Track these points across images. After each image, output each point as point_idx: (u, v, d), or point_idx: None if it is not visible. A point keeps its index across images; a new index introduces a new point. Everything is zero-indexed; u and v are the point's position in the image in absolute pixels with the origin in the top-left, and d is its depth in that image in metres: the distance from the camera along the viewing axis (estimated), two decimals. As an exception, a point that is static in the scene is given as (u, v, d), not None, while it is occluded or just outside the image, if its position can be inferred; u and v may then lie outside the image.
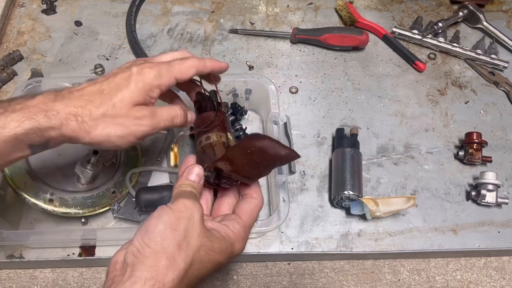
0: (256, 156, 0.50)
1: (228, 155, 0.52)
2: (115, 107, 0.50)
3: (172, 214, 0.45)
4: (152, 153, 0.78)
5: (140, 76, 0.52)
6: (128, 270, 0.42)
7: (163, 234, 0.43)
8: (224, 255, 0.48)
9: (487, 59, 0.95)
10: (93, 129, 0.50)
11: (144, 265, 0.42)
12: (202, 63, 0.57)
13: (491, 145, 0.84)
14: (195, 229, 0.45)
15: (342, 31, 0.93)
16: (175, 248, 0.43)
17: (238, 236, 0.49)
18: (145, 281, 0.41)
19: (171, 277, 0.42)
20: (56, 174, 0.68)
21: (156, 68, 0.53)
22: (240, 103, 0.81)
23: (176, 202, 0.46)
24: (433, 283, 0.73)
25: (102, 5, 1.00)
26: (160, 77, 0.53)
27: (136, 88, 0.51)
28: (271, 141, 0.50)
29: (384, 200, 0.71)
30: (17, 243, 0.68)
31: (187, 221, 0.45)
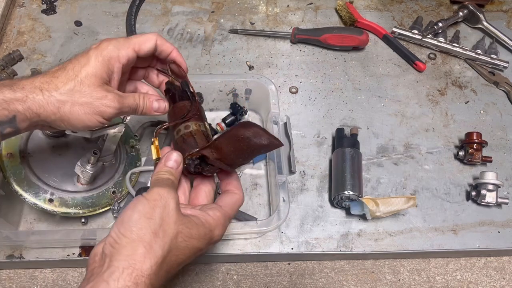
0: (244, 144, 0.51)
1: (216, 143, 0.53)
2: (82, 83, 0.50)
3: (147, 204, 0.45)
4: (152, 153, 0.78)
5: (98, 50, 0.52)
6: (106, 260, 0.43)
7: (139, 223, 0.44)
8: (203, 241, 0.48)
9: (487, 59, 0.94)
10: (61, 106, 0.50)
11: (121, 254, 0.42)
12: (162, 40, 0.58)
13: (491, 145, 0.84)
14: (171, 217, 0.45)
15: (342, 31, 0.93)
16: (151, 236, 0.43)
17: (218, 222, 0.50)
18: (123, 269, 0.41)
19: (149, 264, 0.42)
20: (56, 174, 0.68)
21: (114, 41, 0.54)
22: (240, 103, 0.80)
23: (151, 191, 0.46)
24: (433, 283, 0.73)
25: (102, 5, 1.00)
26: (118, 49, 0.53)
27: (96, 62, 0.52)
28: (260, 129, 0.51)
29: (384, 200, 0.71)
30: (17, 243, 0.68)
31: (162, 209, 0.45)
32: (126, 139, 0.76)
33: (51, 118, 0.50)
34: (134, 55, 0.55)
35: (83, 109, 0.50)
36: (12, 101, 0.48)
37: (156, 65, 0.63)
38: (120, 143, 0.75)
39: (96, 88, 0.51)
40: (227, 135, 0.52)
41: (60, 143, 0.70)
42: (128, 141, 0.76)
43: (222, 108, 0.82)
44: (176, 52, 0.60)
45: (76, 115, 0.50)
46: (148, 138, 0.80)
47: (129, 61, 0.55)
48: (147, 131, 0.81)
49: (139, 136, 0.78)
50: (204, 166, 0.55)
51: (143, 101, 0.57)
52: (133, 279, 0.41)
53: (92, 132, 0.66)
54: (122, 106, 0.53)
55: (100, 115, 0.52)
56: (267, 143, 0.51)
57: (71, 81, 0.50)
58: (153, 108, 0.58)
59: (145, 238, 0.43)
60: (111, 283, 0.40)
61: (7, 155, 0.66)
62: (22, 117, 0.49)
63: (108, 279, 0.41)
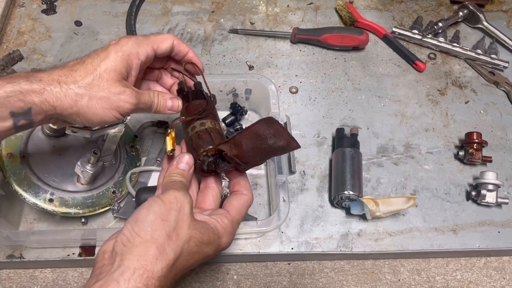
0: (263, 142, 0.51)
1: (236, 138, 0.52)
2: (101, 78, 0.50)
3: (163, 205, 0.45)
4: (152, 153, 0.78)
5: (118, 46, 0.53)
6: (117, 259, 0.42)
7: (154, 224, 0.43)
8: (211, 248, 0.48)
9: (487, 59, 0.94)
10: (79, 100, 0.49)
11: (133, 254, 0.42)
12: (179, 41, 0.58)
13: (491, 145, 0.84)
14: (185, 221, 0.45)
15: (342, 31, 0.93)
16: (165, 238, 0.43)
17: (226, 230, 0.50)
18: (134, 270, 0.41)
19: (160, 266, 0.42)
20: (56, 174, 0.68)
21: (133, 38, 0.54)
22: (240, 103, 0.81)
23: (167, 194, 0.46)
24: (433, 283, 0.73)
25: (102, 5, 1.00)
26: (137, 45, 0.54)
27: (116, 57, 0.52)
28: (281, 128, 0.51)
29: (384, 200, 0.71)
30: (17, 243, 0.68)
31: (178, 212, 0.45)
32: (126, 139, 0.76)
33: (67, 112, 0.49)
34: (152, 53, 0.55)
35: (101, 104, 0.50)
36: (28, 92, 0.47)
37: (169, 67, 0.63)
38: (120, 143, 0.75)
39: (114, 83, 0.51)
40: (248, 131, 0.52)
41: (60, 143, 0.70)
42: (128, 141, 0.76)
43: (222, 108, 0.82)
44: (193, 53, 0.60)
45: (93, 109, 0.50)
46: (149, 138, 0.80)
47: (148, 58, 0.55)
48: (147, 131, 0.81)
49: (139, 136, 0.78)
50: (219, 163, 0.54)
51: (158, 99, 0.57)
52: (143, 280, 0.41)
53: (92, 132, 0.66)
54: (139, 102, 0.53)
55: (117, 110, 0.51)
56: (286, 144, 0.51)
57: (90, 75, 0.50)
58: (167, 106, 0.58)
59: (159, 240, 0.43)
60: (121, 283, 0.40)
61: (7, 155, 0.66)
62: (37, 109, 0.48)
63: (119, 279, 0.40)
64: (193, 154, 0.54)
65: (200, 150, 0.53)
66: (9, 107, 0.46)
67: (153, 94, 0.57)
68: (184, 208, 0.46)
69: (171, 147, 0.56)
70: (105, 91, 0.50)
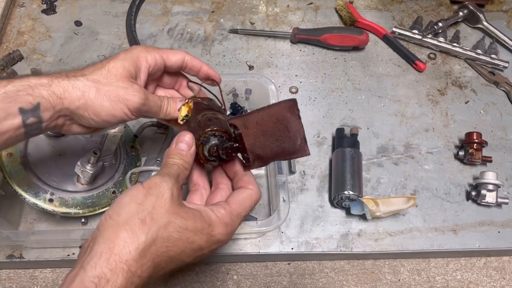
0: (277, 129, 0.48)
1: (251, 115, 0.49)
2: (109, 72, 0.51)
3: (142, 190, 0.44)
4: (152, 153, 0.78)
5: (127, 50, 0.54)
6: (90, 245, 0.41)
7: (127, 207, 0.42)
8: (201, 236, 0.45)
9: (487, 59, 0.94)
10: (87, 91, 0.49)
11: (103, 237, 0.41)
12: (191, 56, 0.58)
13: (491, 145, 0.84)
14: (163, 206, 0.43)
15: (342, 31, 0.93)
16: (137, 222, 0.42)
17: (221, 220, 0.47)
18: (101, 254, 0.40)
19: (128, 249, 0.40)
20: (56, 174, 0.68)
21: (143, 46, 0.56)
22: (240, 103, 0.80)
23: (149, 179, 0.45)
24: (433, 283, 0.73)
25: (102, 5, 1.00)
26: (146, 51, 0.55)
27: (125, 57, 0.53)
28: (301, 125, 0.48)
29: (384, 200, 0.71)
30: (17, 243, 0.68)
31: (156, 197, 0.43)
32: (126, 139, 0.76)
33: (75, 105, 0.49)
34: (161, 61, 0.56)
35: (109, 95, 0.50)
36: (36, 86, 0.47)
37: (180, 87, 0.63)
38: (120, 143, 0.75)
39: (122, 78, 0.51)
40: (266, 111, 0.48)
41: (60, 143, 0.70)
42: (128, 141, 0.76)
43: (222, 108, 0.82)
44: (207, 66, 0.60)
45: (101, 101, 0.49)
46: (148, 138, 0.80)
47: (156, 65, 0.55)
48: (147, 131, 0.81)
49: (139, 136, 0.78)
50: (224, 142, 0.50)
51: (167, 101, 0.56)
52: (110, 264, 0.39)
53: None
54: (147, 100, 0.53)
55: (125, 104, 0.51)
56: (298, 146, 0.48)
57: (98, 70, 0.51)
58: (178, 107, 0.57)
59: (130, 223, 0.41)
60: (88, 270, 0.39)
61: (7, 155, 0.66)
62: (46, 104, 0.47)
63: (86, 266, 0.39)
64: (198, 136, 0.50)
65: (207, 128, 0.50)
66: (18, 101, 0.46)
67: (162, 97, 0.56)
68: (163, 193, 0.44)
69: (186, 112, 0.54)
70: (113, 84, 0.50)
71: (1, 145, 0.48)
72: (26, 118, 0.47)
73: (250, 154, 0.50)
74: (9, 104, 0.46)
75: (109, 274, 0.39)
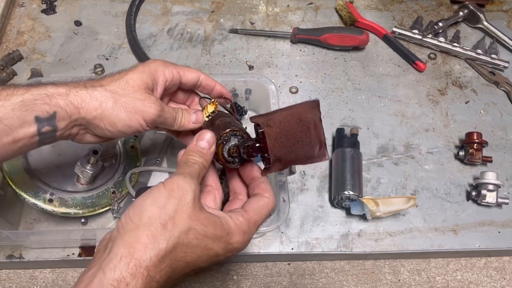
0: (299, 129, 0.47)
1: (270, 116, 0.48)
2: (127, 83, 0.51)
3: (163, 192, 0.43)
4: (152, 153, 0.78)
5: (146, 63, 0.55)
6: (109, 245, 0.41)
7: (149, 210, 0.42)
8: (218, 244, 0.45)
9: (488, 59, 0.94)
10: (104, 101, 0.49)
11: (124, 240, 0.40)
12: (206, 75, 0.59)
13: (492, 145, 0.84)
14: (185, 211, 0.42)
15: (342, 31, 0.93)
16: (158, 227, 0.41)
17: (239, 228, 0.46)
18: (121, 257, 0.39)
19: (149, 255, 0.40)
20: (56, 174, 0.68)
21: (161, 60, 0.57)
22: (240, 103, 0.80)
23: (171, 180, 0.44)
24: (433, 283, 0.73)
25: (102, 5, 1.00)
26: (164, 66, 0.56)
27: (143, 69, 0.53)
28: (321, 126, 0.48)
29: (384, 200, 0.71)
30: (17, 243, 0.68)
31: (178, 201, 0.42)
32: (126, 139, 0.76)
33: (91, 115, 0.49)
34: (178, 77, 0.57)
35: (126, 107, 0.50)
36: (54, 95, 0.47)
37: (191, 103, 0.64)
38: (120, 143, 0.75)
39: (140, 90, 0.52)
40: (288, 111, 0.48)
41: (60, 143, 0.69)
42: (128, 141, 0.76)
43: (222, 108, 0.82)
44: (220, 86, 0.61)
45: (118, 112, 0.50)
46: (148, 138, 0.80)
47: (173, 80, 0.56)
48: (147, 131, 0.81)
49: (139, 136, 0.78)
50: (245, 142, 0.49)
51: (182, 112, 0.57)
52: (130, 269, 0.39)
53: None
54: (163, 112, 0.53)
55: (142, 115, 0.51)
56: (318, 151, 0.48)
57: (117, 81, 0.51)
58: (191, 119, 0.58)
59: (152, 228, 0.41)
60: (107, 272, 0.38)
61: (7, 155, 0.66)
62: (62, 114, 0.48)
63: (105, 268, 0.39)
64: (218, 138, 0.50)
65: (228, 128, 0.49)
66: (35, 110, 0.46)
67: (176, 109, 0.57)
68: (185, 196, 0.43)
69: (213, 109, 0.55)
70: (130, 96, 0.51)
71: (15, 152, 0.48)
72: (41, 127, 0.47)
73: (271, 155, 0.49)
74: (26, 113, 0.46)
75: (129, 279, 0.39)
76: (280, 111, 0.49)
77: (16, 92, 0.46)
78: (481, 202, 0.76)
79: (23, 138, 0.47)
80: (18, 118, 0.46)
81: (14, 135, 0.46)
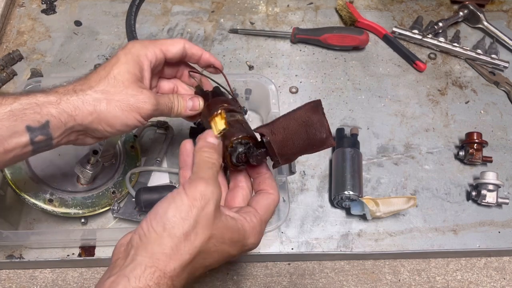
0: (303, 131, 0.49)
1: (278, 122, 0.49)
2: (116, 80, 0.50)
3: (186, 201, 0.42)
4: (152, 153, 0.78)
5: (126, 49, 0.53)
6: (131, 253, 0.41)
7: (172, 221, 0.42)
8: (235, 248, 0.46)
9: (488, 59, 0.94)
10: (97, 104, 0.48)
11: (146, 250, 0.41)
12: (191, 44, 0.57)
13: (492, 145, 0.84)
14: (207, 220, 0.43)
15: (342, 31, 0.93)
16: (181, 238, 0.41)
17: (254, 230, 0.47)
18: (145, 267, 0.40)
19: (173, 266, 0.41)
20: (56, 174, 0.68)
21: (140, 41, 0.54)
22: (240, 103, 0.80)
23: (193, 187, 0.43)
24: (433, 283, 0.73)
25: (102, 5, 1.00)
26: (145, 47, 0.53)
27: (126, 59, 0.51)
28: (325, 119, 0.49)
29: (384, 200, 0.71)
30: (17, 243, 0.68)
31: (200, 210, 0.42)
32: (126, 139, 0.76)
33: (88, 120, 0.49)
34: (161, 55, 0.55)
35: (120, 106, 0.49)
36: (45, 104, 0.46)
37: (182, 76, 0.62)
38: (120, 143, 0.75)
39: (130, 84, 0.50)
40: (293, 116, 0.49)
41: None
42: (128, 141, 0.76)
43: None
44: (208, 53, 0.59)
45: (113, 113, 0.49)
46: (148, 138, 0.80)
47: (157, 60, 0.54)
48: (147, 131, 0.81)
49: (139, 136, 0.78)
50: (253, 151, 0.50)
51: (178, 100, 0.56)
52: (155, 279, 0.40)
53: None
54: (158, 104, 0.52)
55: (138, 111, 0.50)
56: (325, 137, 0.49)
57: (104, 79, 0.50)
58: (188, 107, 0.57)
59: (175, 239, 0.41)
60: (131, 280, 0.39)
61: (6, 155, 0.66)
62: (56, 122, 0.47)
63: (129, 275, 0.39)
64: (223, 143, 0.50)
65: (233, 137, 0.49)
66: (25, 120, 0.46)
67: (172, 97, 0.56)
68: (208, 205, 0.43)
69: (224, 126, 0.51)
70: (122, 93, 0.50)
71: (8, 161, 0.47)
72: (34, 136, 0.46)
73: (280, 159, 0.50)
74: (15, 123, 0.45)
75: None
76: (283, 117, 0.50)
77: (4, 101, 0.45)
78: (481, 202, 0.76)
79: (15, 148, 0.46)
80: (7, 128, 0.45)
81: (5, 146, 0.46)
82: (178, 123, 0.82)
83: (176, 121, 0.81)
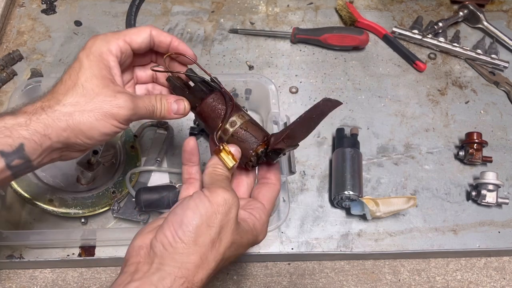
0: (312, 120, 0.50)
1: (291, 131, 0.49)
2: (85, 88, 0.46)
3: (210, 208, 0.43)
4: (152, 153, 0.78)
5: (86, 50, 0.48)
6: (155, 260, 0.41)
7: (199, 229, 0.42)
8: (246, 247, 0.47)
9: (488, 59, 0.94)
10: (69, 119, 0.45)
11: (175, 260, 0.41)
12: (158, 31, 0.52)
13: (492, 145, 0.84)
14: (230, 226, 0.44)
15: (342, 31, 0.93)
16: (208, 246, 0.42)
17: (264, 227, 0.49)
18: (175, 278, 0.40)
19: (200, 276, 0.41)
20: (56, 174, 0.68)
21: (101, 36, 0.50)
22: (240, 103, 0.80)
23: (215, 194, 0.43)
24: (433, 283, 0.73)
25: (102, 5, 1.00)
26: (106, 42, 0.49)
27: (90, 62, 0.47)
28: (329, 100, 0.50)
29: (384, 200, 0.71)
30: (17, 243, 0.68)
31: (224, 216, 0.43)
32: (126, 139, 0.76)
33: (63, 136, 0.45)
34: (126, 47, 0.50)
35: (94, 115, 0.46)
36: (14, 127, 0.43)
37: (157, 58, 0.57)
38: (120, 143, 0.75)
39: (101, 90, 0.46)
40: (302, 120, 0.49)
41: (60, 143, 0.70)
42: (128, 141, 0.76)
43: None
44: (177, 41, 0.53)
45: (88, 124, 0.45)
46: (149, 138, 0.80)
47: (123, 53, 0.50)
48: (147, 131, 0.81)
49: (139, 136, 0.78)
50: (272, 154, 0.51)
51: (160, 103, 0.52)
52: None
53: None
54: (136, 107, 0.48)
55: (114, 118, 0.46)
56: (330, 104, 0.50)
57: (72, 89, 0.46)
58: (172, 110, 0.52)
59: (203, 248, 0.42)
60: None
61: (7, 155, 0.66)
62: (31, 144, 0.44)
63: (158, 284, 0.39)
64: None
65: (249, 152, 0.49)
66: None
67: (154, 98, 0.51)
68: (231, 211, 0.43)
69: (233, 162, 0.49)
70: (94, 101, 0.46)
71: None
72: (10, 161, 0.43)
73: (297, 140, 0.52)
74: None
75: None
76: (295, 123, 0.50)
77: None
78: (481, 202, 0.76)
79: None
80: None
81: None
82: (178, 123, 0.82)
83: (176, 121, 0.81)
